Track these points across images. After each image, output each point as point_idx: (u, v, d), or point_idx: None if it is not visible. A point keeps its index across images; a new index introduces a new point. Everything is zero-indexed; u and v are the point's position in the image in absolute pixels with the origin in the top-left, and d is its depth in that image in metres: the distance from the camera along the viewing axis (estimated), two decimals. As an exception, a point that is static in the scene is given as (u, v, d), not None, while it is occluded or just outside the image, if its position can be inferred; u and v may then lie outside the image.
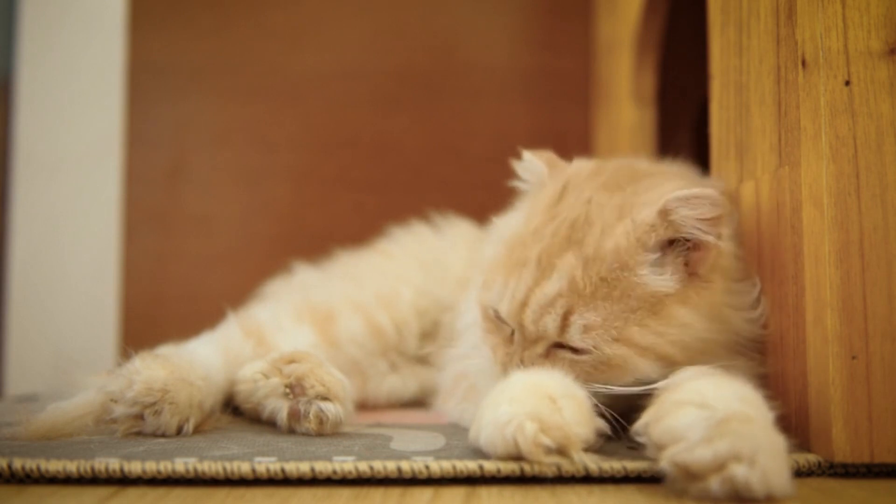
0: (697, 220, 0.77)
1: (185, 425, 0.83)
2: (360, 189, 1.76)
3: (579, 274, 0.78)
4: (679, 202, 0.77)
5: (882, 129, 0.76)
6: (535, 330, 0.79)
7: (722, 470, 0.59)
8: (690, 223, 0.77)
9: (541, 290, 0.79)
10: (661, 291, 0.78)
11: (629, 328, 0.77)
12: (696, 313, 0.79)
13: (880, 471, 0.74)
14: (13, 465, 0.68)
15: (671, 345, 0.77)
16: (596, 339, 0.77)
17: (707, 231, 0.77)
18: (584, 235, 0.80)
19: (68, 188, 1.73)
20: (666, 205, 0.77)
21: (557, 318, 0.78)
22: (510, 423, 0.67)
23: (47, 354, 1.65)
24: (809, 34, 0.78)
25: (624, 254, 0.78)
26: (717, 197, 0.76)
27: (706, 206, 0.76)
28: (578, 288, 0.78)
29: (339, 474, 0.68)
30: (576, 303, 0.78)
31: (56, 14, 1.75)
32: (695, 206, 0.76)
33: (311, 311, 1.10)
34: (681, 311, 0.78)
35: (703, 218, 0.77)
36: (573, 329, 0.77)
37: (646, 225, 0.78)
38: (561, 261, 0.79)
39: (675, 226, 0.78)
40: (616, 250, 0.78)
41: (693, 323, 0.79)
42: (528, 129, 1.79)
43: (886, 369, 0.73)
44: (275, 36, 1.77)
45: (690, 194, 0.76)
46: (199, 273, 1.73)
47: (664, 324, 0.78)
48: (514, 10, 1.81)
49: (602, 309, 0.77)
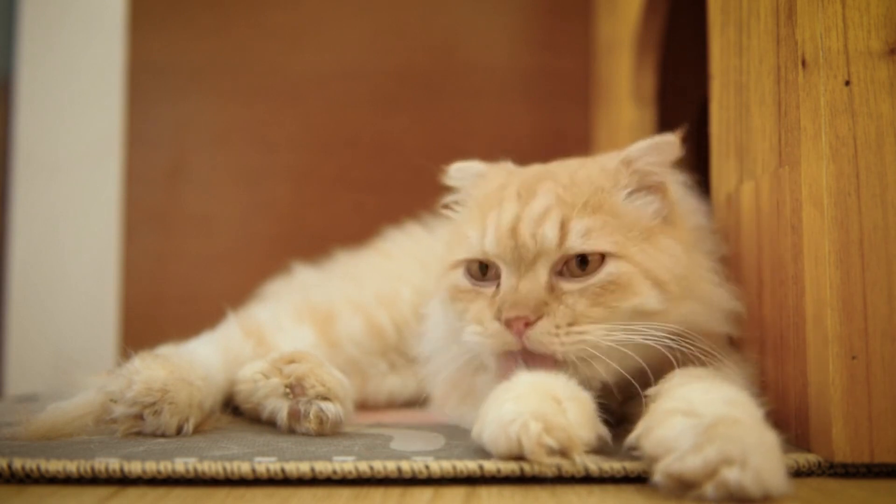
0: (660, 164, 0.83)
1: (184, 425, 0.83)
2: (360, 189, 1.76)
3: (563, 192, 0.81)
4: (641, 150, 0.83)
5: (882, 129, 0.76)
6: (535, 245, 0.78)
7: (714, 476, 0.59)
8: (654, 168, 0.83)
9: (530, 208, 0.80)
10: (646, 218, 0.82)
11: (628, 245, 0.79)
12: (679, 246, 0.82)
13: (880, 471, 0.74)
14: (13, 465, 0.68)
15: (666, 271, 0.79)
16: (600, 242, 0.77)
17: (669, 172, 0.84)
18: (554, 175, 0.84)
19: (68, 188, 1.73)
20: (629, 154, 0.83)
21: (555, 225, 0.78)
22: (515, 422, 0.67)
23: (47, 354, 1.65)
24: (809, 34, 0.78)
25: (598, 180, 0.82)
26: (675, 140, 0.82)
27: (667, 149, 0.83)
28: (567, 201, 0.80)
29: (339, 474, 0.68)
30: (570, 212, 0.79)
31: (56, 14, 1.75)
32: (659, 150, 0.83)
33: (311, 311, 1.10)
34: (668, 242, 0.81)
35: (665, 161, 0.83)
36: (573, 234, 0.78)
37: (613, 169, 0.83)
38: (542, 186, 0.82)
39: (640, 173, 0.83)
40: (590, 178, 0.82)
41: (679, 254, 0.81)
42: (528, 129, 1.79)
43: (886, 369, 0.73)
44: (275, 36, 1.77)
45: (654, 141, 0.83)
46: (199, 273, 1.73)
47: (658, 249, 0.80)
48: (514, 10, 1.81)
49: (597, 218, 0.79)
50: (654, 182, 0.83)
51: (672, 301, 0.79)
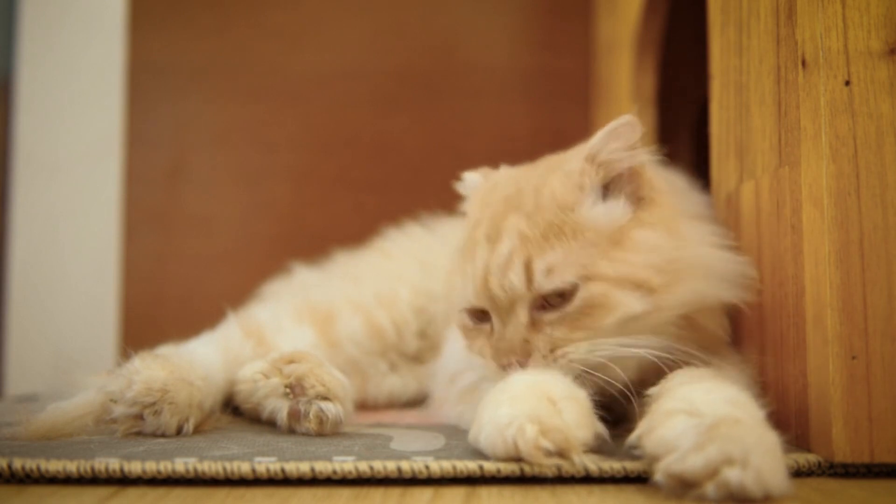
0: (624, 149, 0.81)
1: (184, 425, 0.83)
2: (360, 189, 1.76)
3: (525, 226, 0.80)
4: (602, 141, 0.81)
5: (882, 129, 0.76)
6: (505, 294, 0.79)
7: (715, 475, 0.59)
8: (618, 154, 0.81)
9: (495, 255, 0.80)
10: (614, 222, 0.80)
11: (596, 263, 0.78)
12: (656, 232, 0.81)
13: (880, 471, 0.74)
14: (13, 465, 0.68)
15: (644, 269, 0.78)
16: (564, 276, 0.77)
17: (635, 154, 0.82)
18: (519, 200, 0.83)
19: (68, 188, 1.73)
20: (591, 149, 0.82)
21: (520, 271, 0.78)
22: (510, 426, 0.67)
23: (47, 354, 1.66)
24: (809, 34, 0.78)
25: (561, 197, 0.81)
26: (633, 119, 0.81)
27: (627, 131, 0.81)
28: (530, 238, 0.79)
29: (339, 474, 0.68)
30: (532, 251, 0.79)
31: (56, 14, 1.75)
32: (618, 136, 0.81)
33: (311, 311, 1.10)
34: (641, 234, 0.80)
35: (629, 144, 0.81)
36: (538, 275, 0.78)
37: (577, 172, 0.82)
38: (505, 222, 0.81)
39: (606, 164, 0.82)
40: (553, 196, 0.81)
41: (657, 243, 0.80)
42: (528, 129, 1.79)
43: (886, 369, 0.73)
44: (275, 36, 1.77)
45: (610, 128, 0.81)
46: (199, 273, 1.73)
47: (630, 251, 0.79)
48: (514, 10, 1.81)
49: (559, 248, 0.78)
50: (622, 169, 0.82)
51: (661, 293, 0.78)
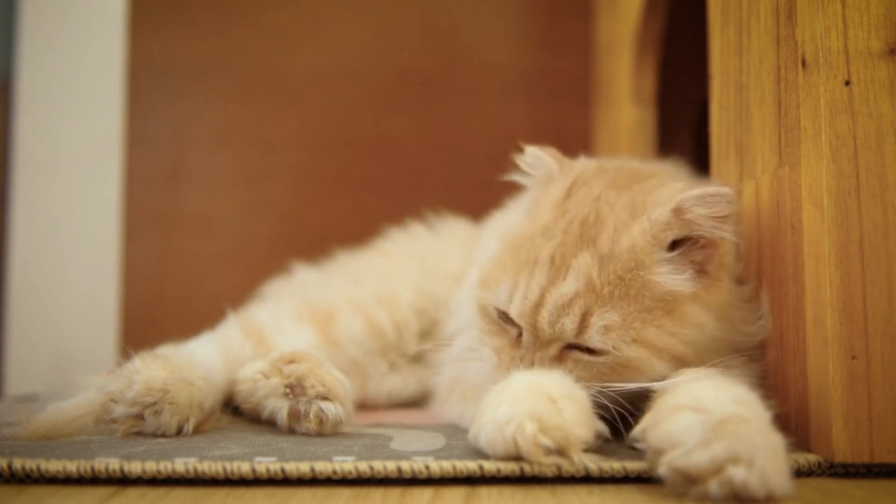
0: (712, 217, 0.78)
1: (185, 425, 0.83)
2: (359, 189, 1.76)
3: (596, 273, 0.78)
4: (694, 200, 0.78)
5: (882, 129, 0.76)
6: (552, 332, 0.78)
7: (720, 473, 0.59)
8: (704, 221, 0.78)
9: (557, 291, 0.78)
10: (676, 290, 0.78)
11: (647, 329, 0.77)
12: (708, 312, 0.80)
13: (880, 471, 0.74)
14: (13, 465, 0.68)
15: (685, 345, 0.78)
16: (616, 340, 0.76)
17: (720, 228, 0.79)
18: (597, 234, 0.80)
19: (68, 188, 1.73)
20: (681, 203, 0.78)
21: (576, 318, 0.77)
22: (510, 423, 0.67)
23: (47, 354, 1.65)
24: (809, 34, 0.78)
25: (640, 252, 0.78)
26: (731, 194, 0.77)
27: (722, 203, 0.78)
28: (596, 288, 0.77)
29: (339, 474, 0.68)
30: (594, 303, 0.77)
31: (56, 14, 1.75)
32: (710, 203, 0.78)
33: (311, 311, 1.10)
34: (694, 310, 0.79)
35: (718, 216, 0.78)
36: (593, 330, 0.76)
37: (661, 223, 0.79)
38: (576, 260, 0.79)
39: (690, 224, 0.79)
40: (632, 248, 0.78)
41: (705, 322, 0.79)
42: (528, 129, 1.79)
43: (886, 369, 0.73)
44: (275, 36, 1.77)
45: (706, 192, 0.77)
46: (199, 273, 1.73)
47: (679, 324, 0.78)
48: (514, 10, 1.81)
49: (621, 309, 0.77)
50: (702, 236, 0.80)
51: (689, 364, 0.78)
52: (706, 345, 0.79)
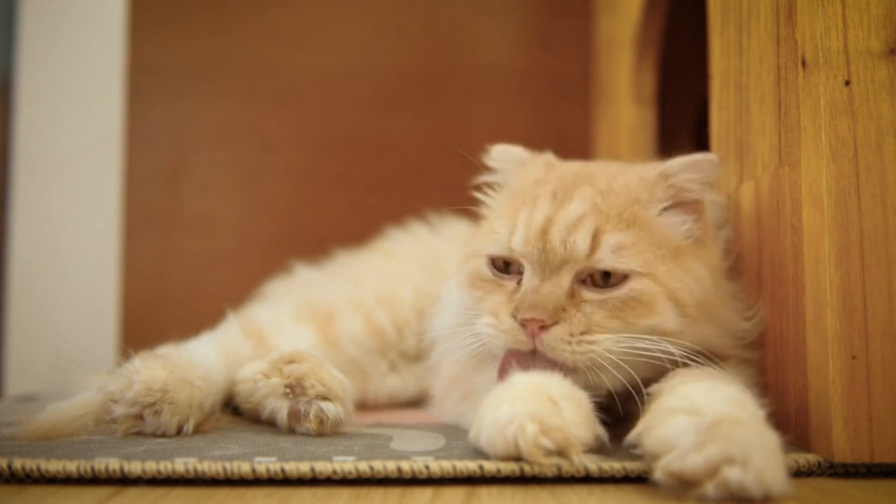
0: (700, 181, 0.82)
1: (185, 425, 0.83)
2: (359, 189, 1.76)
3: (599, 200, 0.80)
4: (682, 166, 0.82)
5: (882, 129, 0.76)
6: (563, 250, 0.77)
7: (716, 475, 0.59)
8: (691, 185, 0.82)
9: (565, 212, 0.79)
10: (677, 237, 0.81)
11: (657, 264, 0.78)
12: (706, 269, 0.81)
13: (880, 471, 0.74)
14: (13, 465, 0.68)
15: (689, 293, 0.79)
16: (630, 260, 0.77)
17: (707, 192, 0.83)
18: (592, 178, 0.83)
19: (68, 188, 1.73)
20: (667, 168, 0.82)
21: (588, 235, 0.77)
22: (511, 424, 0.67)
23: (47, 354, 1.65)
24: (809, 34, 0.78)
25: (635, 191, 0.81)
26: (716, 159, 0.81)
27: (709, 168, 0.81)
28: (603, 211, 0.79)
29: (339, 474, 0.68)
30: (604, 223, 0.78)
31: (56, 14, 1.75)
32: (698, 168, 0.81)
33: (311, 311, 1.10)
34: (695, 264, 0.81)
35: (706, 180, 0.82)
36: (605, 248, 0.77)
37: (650, 179, 0.82)
38: (578, 190, 0.81)
39: (677, 187, 0.82)
40: (628, 187, 0.81)
41: (704, 278, 0.80)
42: (528, 129, 1.79)
43: (886, 369, 0.73)
44: (275, 36, 1.77)
45: (694, 158, 0.81)
46: (199, 273, 1.73)
47: (684, 271, 0.80)
48: (513, 10, 1.81)
49: (630, 234, 0.78)
50: (689, 199, 0.82)
51: (689, 323, 0.78)
52: (704, 306, 0.80)
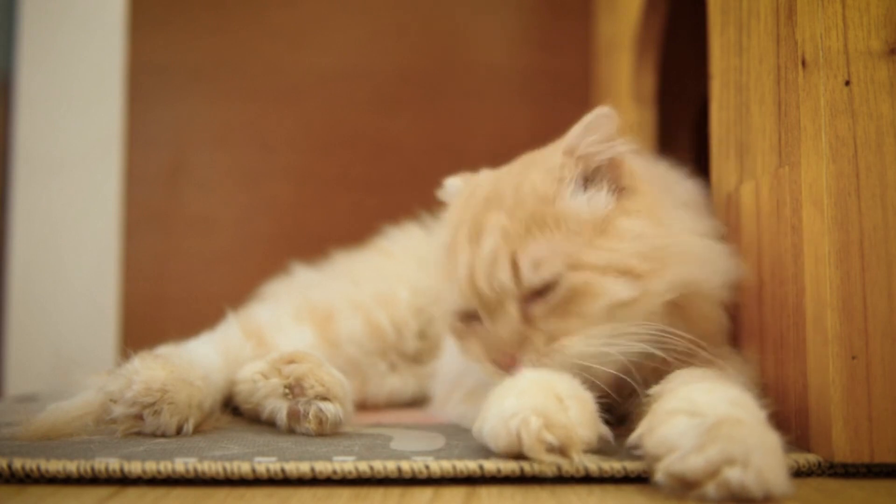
0: (602, 141, 0.81)
1: (184, 425, 0.83)
2: (359, 189, 1.76)
3: (507, 222, 0.80)
4: (579, 135, 0.81)
5: (882, 129, 0.76)
6: (493, 292, 0.79)
7: (716, 475, 0.59)
8: (596, 147, 0.81)
9: (479, 254, 0.80)
10: (597, 210, 0.80)
11: (580, 252, 0.78)
12: (640, 220, 0.81)
13: (880, 471, 0.74)
14: (13, 465, 0.68)
15: (629, 256, 0.78)
16: (551, 268, 0.77)
17: (613, 146, 0.81)
18: (500, 198, 0.83)
19: (68, 188, 1.73)
20: (568, 143, 0.81)
21: (506, 266, 0.78)
22: (515, 416, 0.67)
23: (47, 354, 1.65)
24: (809, 34, 0.78)
25: (542, 190, 0.81)
26: (609, 111, 0.80)
27: (604, 122, 0.80)
28: (512, 233, 0.79)
29: (339, 474, 0.68)
30: (516, 245, 0.79)
31: (56, 14, 1.75)
32: (594, 129, 0.81)
33: (311, 311, 1.10)
34: (625, 223, 0.80)
35: (607, 136, 0.81)
36: (525, 269, 0.78)
37: (556, 167, 0.81)
38: (486, 221, 0.81)
39: (585, 158, 0.81)
40: (534, 189, 0.81)
41: (641, 231, 0.80)
42: (528, 129, 1.79)
43: (886, 369, 0.73)
44: (275, 36, 1.77)
45: (586, 121, 0.80)
46: (199, 273, 1.73)
47: (614, 239, 0.79)
48: (514, 9, 1.81)
49: (543, 240, 0.78)
50: (601, 161, 0.82)
51: (648, 279, 0.78)
52: (655, 255, 0.79)
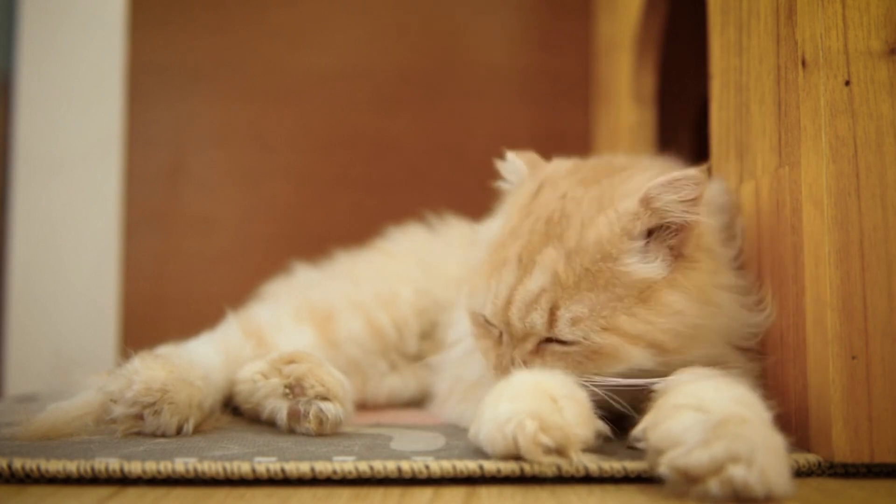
0: (680, 202, 0.77)
1: (184, 425, 0.83)
2: (359, 189, 1.76)
3: (562, 267, 0.78)
4: (661, 188, 0.77)
5: (882, 129, 0.76)
6: (523, 327, 0.79)
7: (720, 472, 0.59)
8: (674, 206, 0.78)
9: (524, 287, 0.79)
10: (648, 278, 0.78)
11: (617, 317, 0.77)
12: (686, 297, 0.79)
13: (880, 471, 0.74)
14: (13, 465, 0.68)
15: (662, 332, 0.77)
16: (585, 331, 0.77)
17: (690, 211, 0.78)
18: (563, 230, 0.80)
19: (68, 188, 1.73)
20: (648, 192, 0.78)
21: (544, 313, 0.78)
22: (511, 421, 0.67)
23: (47, 354, 1.65)
24: (809, 34, 0.78)
25: (607, 244, 0.78)
26: (697, 176, 0.76)
27: (690, 186, 0.77)
28: (562, 281, 0.78)
29: (339, 474, 0.68)
30: (560, 296, 0.78)
31: (56, 14, 1.75)
32: (677, 188, 0.77)
33: (311, 311, 1.10)
34: (670, 297, 0.78)
35: (686, 199, 0.77)
36: (561, 323, 0.77)
37: (629, 214, 0.78)
38: (542, 256, 0.80)
39: (660, 212, 0.78)
40: (599, 241, 0.78)
41: (683, 309, 0.78)
42: (528, 129, 1.79)
43: (886, 369, 0.73)
44: (275, 36, 1.77)
45: (672, 178, 0.77)
46: (199, 273, 1.73)
47: (654, 312, 0.77)
48: (513, 9, 1.81)
49: (588, 300, 0.77)
50: (674, 222, 0.79)
51: (673, 354, 0.78)
52: (689, 333, 0.78)
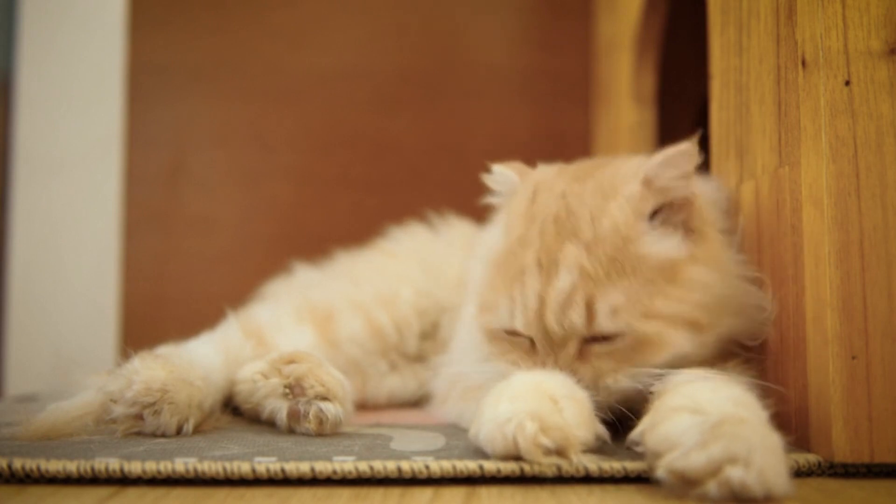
0: (680, 177, 0.80)
1: (184, 425, 0.83)
2: (359, 189, 1.76)
3: (586, 261, 0.77)
4: (659, 167, 0.79)
5: (882, 129, 0.76)
6: (561, 330, 0.77)
7: (718, 473, 0.59)
8: (674, 182, 0.80)
9: (553, 289, 0.77)
10: (671, 257, 0.78)
11: (654, 301, 0.77)
12: (708, 269, 0.80)
13: (880, 471, 0.74)
14: (13, 465, 0.68)
15: (696, 308, 0.77)
16: (627, 319, 0.76)
17: (690, 184, 0.80)
18: (575, 225, 0.80)
19: (68, 188, 1.73)
20: (648, 172, 0.80)
21: (582, 309, 0.76)
22: (510, 422, 0.67)
23: (47, 354, 1.66)
24: (809, 34, 0.78)
25: (624, 228, 0.78)
26: (690, 148, 0.79)
27: (685, 160, 0.79)
28: (590, 274, 0.77)
29: (339, 474, 0.68)
30: (594, 289, 0.77)
31: (56, 14, 1.75)
32: (675, 164, 0.79)
33: (311, 311, 1.10)
34: (695, 272, 0.79)
35: (685, 173, 0.80)
36: (601, 316, 0.76)
37: (636, 196, 0.80)
38: (562, 254, 0.78)
39: (663, 191, 0.80)
40: (615, 227, 0.78)
41: (709, 281, 0.79)
42: (528, 129, 1.79)
43: (886, 369, 0.73)
44: (275, 36, 1.77)
45: (667, 155, 0.79)
46: (199, 273, 1.73)
47: (684, 288, 0.78)
48: (513, 9, 1.81)
49: (622, 287, 0.77)
50: (676, 198, 0.80)
51: (706, 330, 0.78)
52: (717, 304, 0.79)
